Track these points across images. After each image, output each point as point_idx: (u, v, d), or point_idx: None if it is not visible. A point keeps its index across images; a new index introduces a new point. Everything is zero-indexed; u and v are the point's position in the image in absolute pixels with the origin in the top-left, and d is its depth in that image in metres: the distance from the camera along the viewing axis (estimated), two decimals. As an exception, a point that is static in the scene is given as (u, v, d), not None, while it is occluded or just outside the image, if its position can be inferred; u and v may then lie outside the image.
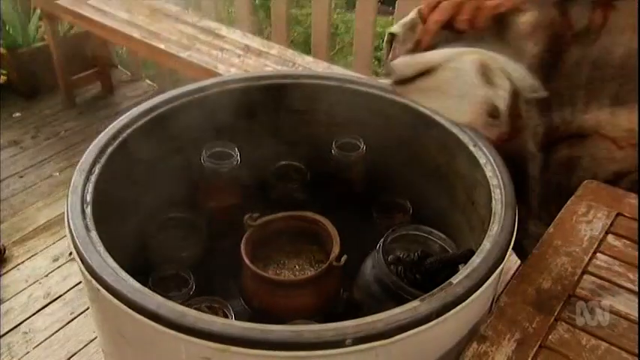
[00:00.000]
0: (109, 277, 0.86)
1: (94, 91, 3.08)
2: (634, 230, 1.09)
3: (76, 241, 0.92)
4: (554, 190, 1.18)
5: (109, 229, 1.00)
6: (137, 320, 0.82)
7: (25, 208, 2.37)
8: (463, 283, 0.87)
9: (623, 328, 0.90)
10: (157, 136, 1.21)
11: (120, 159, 1.13)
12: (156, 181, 1.23)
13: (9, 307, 1.92)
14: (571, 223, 1.10)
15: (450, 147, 1.21)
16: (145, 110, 1.23)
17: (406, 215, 1.31)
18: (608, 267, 1.00)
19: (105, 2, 2.64)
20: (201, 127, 1.29)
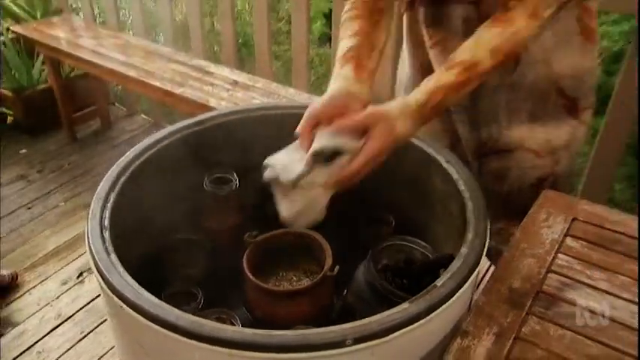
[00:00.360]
0: (130, 293, 0.87)
1: (94, 126, 3.07)
2: (589, 232, 1.10)
3: (98, 263, 0.93)
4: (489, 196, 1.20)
5: (124, 250, 1.00)
6: (156, 331, 0.83)
7: (34, 236, 2.35)
8: (446, 284, 0.88)
9: (584, 319, 0.91)
10: (164, 165, 1.23)
11: (131, 188, 1.15)
12: (164, 205, 1.22)
13: (23, 329, 1.90)
14: (534, 228, 1.10)
15: (427, 165, 1.21)
16: (151, 143, 1.24)
17: (390, 228, 1.30)
18: (569, 266, 1.01)
19: (101, 45, 2.65)
20: (203, 155, 1.28)
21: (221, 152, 1.30)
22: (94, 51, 2.58)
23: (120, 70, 2.46)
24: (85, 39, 2.71)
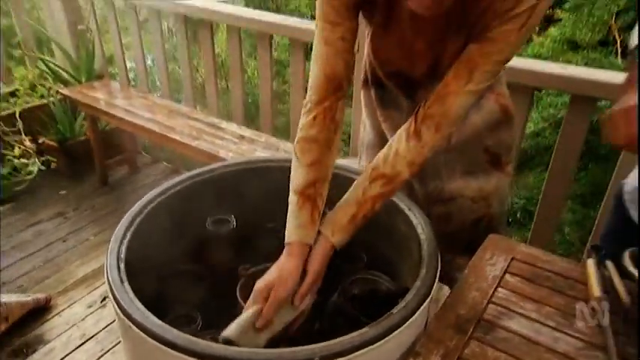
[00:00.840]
0: (138, 316, 0.90)
1: (123, 172, 3.10)
2: (524, 270, 1.11)
3: (113, 290, 0.97)
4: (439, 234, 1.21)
5: (136, 279, 1.03)
6: (159, 349, 0.86)
7: (67, 265, 2.37)
8: (401, 312, 0.91)
9: (516, 342, 0.92)
10: (172, 208, 1.25)
11: (146, 226, 1.17)
12: (172, 241, 1.23)
13: (52, 347, 1.89)
14: (480, 265, 1.11)
15: (393, 212, 1.23)
16: (164, 189, 1.27)
17: (362, 263, 1.30)
18: (507, 298, 1.02)
19: (132, 105, 2.71)
20: (207, 199, 1.30)
21: (221, 198, 1.31)
22: (126, 109, 2.65)
23: (146, 126, 2.51)
24: (119, 99, 2.77)
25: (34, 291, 2.20)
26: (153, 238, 1.17)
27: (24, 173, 2.78)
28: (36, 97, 2.93)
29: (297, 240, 1.05)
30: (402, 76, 1.28)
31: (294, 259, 1.03)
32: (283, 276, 1.01)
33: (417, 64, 1.21)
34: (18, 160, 2.76)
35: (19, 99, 2.89)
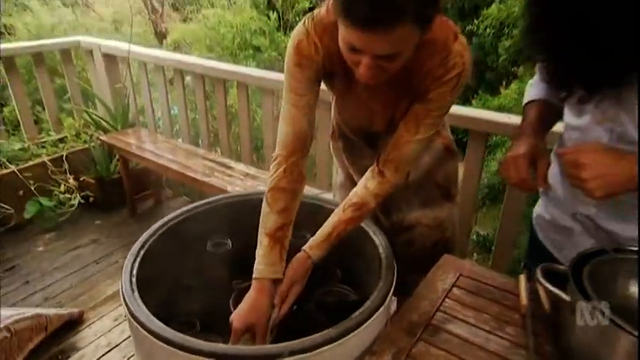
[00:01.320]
0: (145, 319, 0.94)
1: (149, 204, 3.15)
2: (469, 284, 1.13)
3: (126, 299, 1.00)
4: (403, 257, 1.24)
5: (146, 290, 1.05)
6: (162, 347, 0.90)
7: (98, 284, 2.40)
8: (357, 317, 0.95)
9: (455, 343, 0.95)
10: (180, 232, 1.27)
11: (156, 247, 1.19)
12: (177, 260, 1.25)
13: (83, 354, 1.89)
14: (433, 280, 1.14)
15: (362, 236, 1.24)
16: (173, 217, 1.28)
17: (337, 278, 1.31)
18: (452, 307, 1.05)
19: (158, 148, 2.78)
20: (209, 225, 1.31)
21: (220, 224, 1.32)
22: (153, 152, 2.72)
23: (169, 166, 2.58)
24: (147, 144, 2.85)
25: (70, 306, 2.22)
26: (161, 257, 1.18)
27: (67, 206, 2.85)
28: (80, 142, 3.02)
29: (268, 277, 1.06)
30: (364, 131, 1.32)
31: (265, 297, 1.05)
32: (259, 316, 1.03)
33: (376, 121, 1.25)
34: (63, 195, 2.82)
35: (67, 144, 2.99)
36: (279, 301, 1.07)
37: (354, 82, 1.10)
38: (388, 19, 0.83)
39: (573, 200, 1.06)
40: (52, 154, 2.90)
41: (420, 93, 1.07)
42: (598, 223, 1.03)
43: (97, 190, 2.99)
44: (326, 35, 1.06)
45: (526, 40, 1.00)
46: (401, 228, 1.45)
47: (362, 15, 0.83)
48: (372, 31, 0.85)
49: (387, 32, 0.84)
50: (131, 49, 2.87)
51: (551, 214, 1.16)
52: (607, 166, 0.85)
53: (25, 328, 1.72)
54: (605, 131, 0.94)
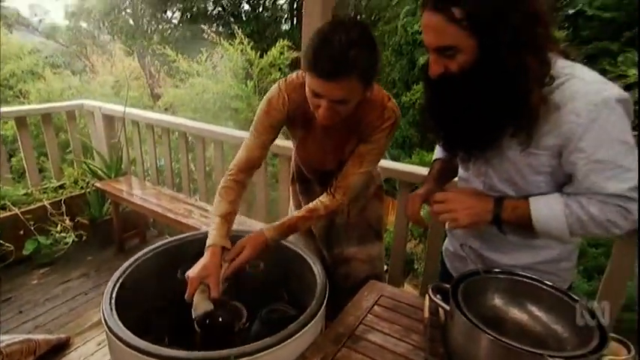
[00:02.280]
0: (119, 332, 0.96)
1: (136, 242, 3.10)
2: (386, 302, 1.20)
3: (105, 317, 1.02)
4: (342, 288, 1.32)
5: (123, 310, 1.06)
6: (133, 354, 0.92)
7: (85, 313, 2.34)
8: (291, 329, 0.98)
9: (371, 348, 1.02)
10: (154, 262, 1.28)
11: (133, 274, 1.20)
12: (151, 285, 1.25)
13: None
14: (359, 300, 1.22)
15: (304, 265, 1.27)
16: (150, 249, 1.30)
17: (284, 299, 1.33)
18: (372, 320, 1.12)
19: (145, 194, 2.79)
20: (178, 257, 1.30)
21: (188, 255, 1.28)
22: (141, 197, 2.74)
23: (154, 209, 2.60)
24: (136, 190, 2.86)
25: (58, 332, 2.14)
26: (138, 283, 1.20)
27: (62, 244, 2.80)
28: (77, 188, 3.01)
29: (219, 244, 1.15)
30: (318, 169, 1.41)
31: (216, 258, 1.13)
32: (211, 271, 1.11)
33: (328, 160, 1.35)
34: (59, 234, 2.78)
35: (66, 190, 2.97)
36: (229, 257, 1.13)
37: (313, 127, 1.24)
38: (342, 73, 1.00)
39: (465, 235, 1.18)
40: (52, 198, 2.88)
41: (364, 137, 1.22)
42: (480, 252, 1.13)
43: (89, 230, 2.95)
44: (294, 92, 1.21)
45: (422, 117, 1.15)
46: (340, 260, 1.49)
47: (325, 69, 0.99)
48: (330, 81, 1.01)
49: (340, 82, 1.01)
50: (127, 110, 2.95)
51: (454, 246, 1.25)
52: (468, 202, 0.98)
53: (15, 350, 1.69)
54: (480, 182, 1.07)
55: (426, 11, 0.87)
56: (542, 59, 0.87)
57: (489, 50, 0.85)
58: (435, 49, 0.90)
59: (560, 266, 1.08)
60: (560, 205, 0.92)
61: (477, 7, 0.82)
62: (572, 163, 0.90)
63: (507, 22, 0.82)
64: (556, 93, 0.87)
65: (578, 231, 0.92)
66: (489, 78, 0.87)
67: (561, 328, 0.87)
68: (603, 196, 0.87)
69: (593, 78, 0.87)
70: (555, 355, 0.72)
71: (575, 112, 0.85)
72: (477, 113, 0.92)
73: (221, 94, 4.47)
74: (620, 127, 0.85)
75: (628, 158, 0.85)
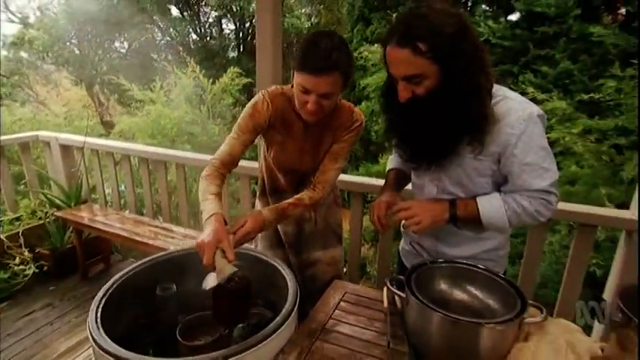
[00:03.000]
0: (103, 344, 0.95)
1: (100, 268, 2.98)
2: (351, 298, 1.24)
3: (91, 330, 1.00)
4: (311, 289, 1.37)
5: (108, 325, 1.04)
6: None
7: (52, 343, 2.21)
8: (269, 330, 0.99)
9: (341, 338, 1.07)
10: (135, 281, 1.25)
11: (114, 293, 1.17)
12: (133, 302, 1.22)
13: None
14: (327, 298, 1.25)
15: (274, 271, 1.28)
16: (128, 270, 1.26)
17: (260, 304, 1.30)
18: (339, 315, 1.17)
19: (109, 219, 2.70)
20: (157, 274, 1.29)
21: (166, 272, 1.31)
22: (103, 222, 2.65)
23: (119, 233, 2.52)
24: (98, 216, 2.76)
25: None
26: (120, 300, 1.18)
27: (21, 276, 2.62)
28: (35, 219, 2.85)
29: (219, 212, 1.12)
30: (295, 172, 1.45)
31: (222, 225, 1.09)
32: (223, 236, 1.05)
33: (306, 161, 1.40)
34: (17, 267, 2.61)
35: (23, 221, 2.80)
36: (234, 229, 1.13)
37: (292, 131, 1.34)
38: (328, 69, 1.13)
39: (420, 235, 1.27)
40: (8, 231, 2.70)
41: (337, 138, 1.33)
42: (434, 248, 1.24)
43: (50, 260, 2.79)
44: (276, 99, 1.31)
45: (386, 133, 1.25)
46: (307, 264, 1.53)
47: (314, 66, 1.12)
48: (318, 76, 1.13)
49: (327, 77, 1.13)
50: (85, 139, 2.86)
51: (409, 245, 1.34)
52: (428, 207, 1.11)
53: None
54: (434, 186, 1.19)
55: (391, 47, 0.97)
56: (489, 78, 1.02)
57: (450, 74, 0.96)
58: (403, 78, 1.00)
59: (498, 254, 1.23)
60: (499, 201, 1.08)
61: (438, 40, 0.93)
62: (508, 166, 1.05)
63: (462, 50, 0.94)
64: (494, 109, 1.02)
65: (514, 221, 1.07)
66: (451, 97, 0.98)
67: (493, 302, 1.00)
68: (531, 191, 1.04)
69: (520, 99, 1.04)
70: (490, 322, 0.84)
71: (509, 125, 1.00)
72: (441, 128, 1.03)
73: (177, 119, 4.43)
74: (541, 136, 1.01)
75: (547, 161, 1.02)
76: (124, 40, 10.09)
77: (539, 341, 0.89)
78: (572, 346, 0.87)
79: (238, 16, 9.42)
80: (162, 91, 4.75)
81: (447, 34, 0.93)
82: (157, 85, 4.78)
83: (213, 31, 10.03)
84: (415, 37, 0.94)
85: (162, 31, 10.00)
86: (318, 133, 1.34)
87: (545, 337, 0.90)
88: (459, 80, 0.96)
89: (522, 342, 0.90)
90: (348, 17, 5.30)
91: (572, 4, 3.59)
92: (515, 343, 0.91)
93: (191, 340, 1.16)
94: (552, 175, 1.03)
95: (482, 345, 0.87)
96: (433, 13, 0.95)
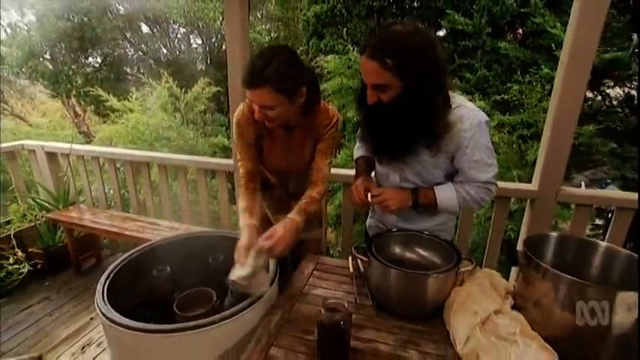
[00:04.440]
0: (111, 316, 0.97)
1: (91, 263, 2.85)
2: (322, 268, 1.24)
3: (99, 304, 1.01)
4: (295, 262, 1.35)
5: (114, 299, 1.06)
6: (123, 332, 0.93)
7: (53, 331, 2.12)
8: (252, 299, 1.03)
9: (316, 299, 1.06)
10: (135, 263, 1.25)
11: (117, 274, 1.18)
12: (134, 281, 1.23)
13: None
14: (302, 268, 1.26)
15: None
16: (129, 254, 1.26)
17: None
18: (313, 281, 1.19)
19: (97, 218, 2.59)
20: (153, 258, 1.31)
21: (161, 256, 1.32)
22: (92, 220, 2.54)
23: (109, 229, 2.43)
24: (87, 215, 2.64)
25: (28, 353, 1.94)
26: (122, 280, 1.19)
27: (16, 275, 2.46)
28: (26, 221, 2.67)
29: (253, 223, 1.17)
30: (283, 172, 1.41)
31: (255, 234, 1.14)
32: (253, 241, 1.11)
33: (292, 162, 1.36)
34: (12, 267, 2.44)
35: (13, 224, 2.62)
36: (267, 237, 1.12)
37: (276, 136, 1.30)
38: (256, 83, 1.08)
39: (383, 214, 1.35)
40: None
41: (319, 137, 1.29)
42: (396, 224, 1.31)
43: (44, 258, 2.63)
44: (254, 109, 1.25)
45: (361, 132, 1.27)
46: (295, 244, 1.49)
47: (247, 80, 1.08)
48: (251, 90, 1.09)
49: (259, 90, 1.08)
50: (72, 146, 2.72)
51: (375, 222, 1.42)
52: (396, 194, 1.16)
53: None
54: (397, 175, 1.25)
55: (364, 57, 0.98)
56: (445, 97, 1.05)
57: (410, 89, 0.99)
58: (371, 85, 1.02)
59: (447, 225, 1.33)
60: (453, 190, 1.16)
61: (404, 58, 0.95)
62: (460, 163, 1.12)
63: (423, 69, 0.96)
64: (451, 115, 1.06)
65: (463, 206, 1.16)
66: (410, 107, 1.01)
67: (436, 259, 1.09)
68: (478, 183, 1.13)
69: (471, 106, 1.08)
70: (434, 272, 0.93)
71: (463, 129, 1.06)
72: (400, 131, 1.09)
73: (154, 126, 4.27)
74: (487, 139, 1.08)
75: (491, 158, 1.10)
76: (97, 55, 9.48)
77: (471, 284, 0.99)
78: (494, 285, 0.98)
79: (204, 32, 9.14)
80: (138, 101, 4.56)
81: (413, 55, 0.95)
82: (134, 95, 4.58)
83: (182, 46, 9.66)
84: (385, 52, 0.95)
85: (135, 46, 9.50)
86: (299, 135, 1.31)
87: (474, 281, 1.00)
88: (417, 96, 0.99)
89: (459, 286, 1.00)
90: (303, 32, 5.30)
91: (485, 24, 3.83)
92: (454, 288, 1.00)
93: (187, 312, 1.17)
94: (494, 169, 1.11)
95: (430, 290, 0.96)
96: (405, 33, 0.95)
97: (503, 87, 3.71)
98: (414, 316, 0.98)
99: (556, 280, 0.81)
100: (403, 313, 0.99)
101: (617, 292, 0.74)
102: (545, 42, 3.47)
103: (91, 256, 2.86)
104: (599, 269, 0.93)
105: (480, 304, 0.91)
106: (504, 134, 3.38)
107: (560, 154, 1.58)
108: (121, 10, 8.64)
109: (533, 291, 0.87)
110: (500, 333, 0.84)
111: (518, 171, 3.14)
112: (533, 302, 0.87)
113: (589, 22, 1.40)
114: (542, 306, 0.85)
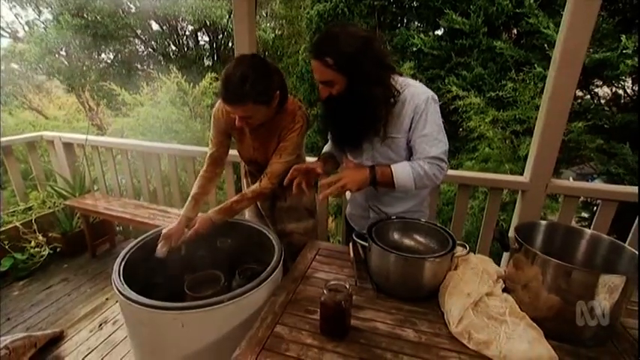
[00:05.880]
0: (128, 294, 0.97)
1: (105, 248, 2.88)
2: (324, 253, 1.23)
3: (116, 284, 1.01)
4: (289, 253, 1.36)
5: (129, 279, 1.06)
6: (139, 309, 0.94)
7: (72, 309, 2.15)
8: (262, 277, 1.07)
9: (319, 282, 1.06)
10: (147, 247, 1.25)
11: (132, 256, 1.19)
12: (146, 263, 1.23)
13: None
14: (305, 253, 1.25)
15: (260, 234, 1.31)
16: (141, 239, 1.27)
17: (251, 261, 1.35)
18: (316, 265, 1.17)
19: (111, 205, 2.60)
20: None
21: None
22: (106, 208, 2.55)
23: (122, 216, 2.44)
24: (101, 202, 2.65)
25: (50, 329, 1.96)
26: (135, 261, 1.19)
27: (37, 257, 2.50)
28: (45, 208, 2.69)
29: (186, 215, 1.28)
30: (254, 162, 1.42)
31: (181, 226, 1.26)
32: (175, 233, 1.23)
33: (259, 156, 1.37)
34: (34, 249, 2.48)
35: (34, 211, 2.64)
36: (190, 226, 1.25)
37: (244, 132, 1.33)
38: (236, 101, 1.10)
39: (368, 200, 1.34)
40: (22, 219, 2.54)
41: (282, 137, 1.30)
42: (380, 208, 1.32)
43: (62, 242, 2.67)
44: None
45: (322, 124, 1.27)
46: (283, 234, 1.49)
47: (227, 99, 1.10)
48: (232, 107, 1.12)
49: (238, 107, 1.11)
50: (87, 137, 2.72)
51: (355, 210, 1.41)
52: (354, 175, 1.12)
53: (19, 345, 1.55)
54: (371, 162, 1.23)
55: (311, 57, 1.05)
56: (385, 88, 1.09)
57: (352, 84, 1.04)
58: (320, 82, 1.08)
59: (421, 208, 1.32)
60: (408, 167, 1.11)
61: (342, 57, 1.00)
62: (412, 138, 1.12)
63: (362, 67, 1.01)
64: (402, 95, 1.10)
65: (419, 183, 1.11)
66: (354, 100, 1.05)
67: (432, 244, 1.10)
68: (430, 158, 1.09)
69: (419, 84, 1.11)
70: (430, 257, 0.94)
71: (412, 105, 1.08)
72: (350, 122, 1.12)
73: (164, 119, 4.26)
74: (436, 115, 1.09)
75: (440, 134, 1.09)
76: (109, 51, 9.44)
77: (465, 268, 1.00)
78: (486, 270, 0.99)
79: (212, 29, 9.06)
80: (148, 95, 4.54)
81: (350, 52, 0.99)
82: (144, 90, 4.57)
83: (190, 43, 9.59)
84: (324, 52, 1.01)
85: (145, 43, 9.44)
86: (265, 133, 1.31)
87: (468, 266, 1.01)
88: (357, 89, 1.04)
89: (453, 270, 1.02)
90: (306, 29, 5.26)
91: (481, 23, 3.79)
92: (449, 272, 1.02)
93: (197, 292, 1.17)
94: (443, 146, 1.09)
95: (426, 274, 0.97)
96: (343, 34, 1.00)
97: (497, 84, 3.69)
98: (411, 298, 0.99)
99: (544, 264, 0.82)
100: (401, 295, 1.00)
101: (600, 275, 0.74)
102: (538, 42, 3.44)
103: (105, 241, 2.89)
104: (584, 255, 0.94)
105: (472, 286, 0.92)
106: (498, 129, 3.37)
107: (551, 148, 1.58)
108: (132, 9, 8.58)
109: (523, 275, 0.88)
110: (491, 313, 0.85)
111: (510, 164, 3.14)
112: (523, 285, 0.88)
113: (580, 24, 1.39)
114: (531, 288, 0.86)
